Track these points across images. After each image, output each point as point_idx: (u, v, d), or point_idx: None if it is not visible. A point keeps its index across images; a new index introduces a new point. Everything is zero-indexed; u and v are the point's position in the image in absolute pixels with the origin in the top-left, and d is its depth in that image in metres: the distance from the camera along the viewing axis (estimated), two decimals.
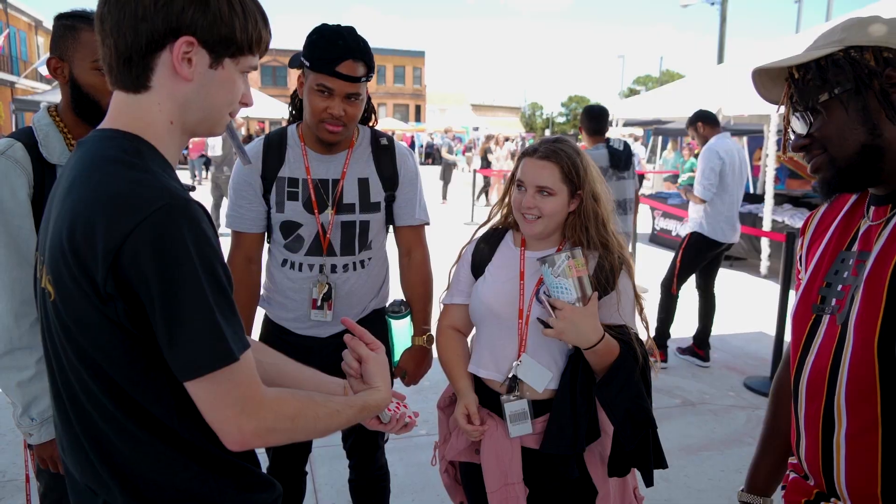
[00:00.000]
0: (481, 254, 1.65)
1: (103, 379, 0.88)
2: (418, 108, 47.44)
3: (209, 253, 0.84)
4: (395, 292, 2.07)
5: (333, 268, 1.82)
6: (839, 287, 1.03)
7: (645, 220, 11.12)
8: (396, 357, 1.95)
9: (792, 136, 1.06)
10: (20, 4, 29.14)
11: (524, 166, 1.55)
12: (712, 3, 21.30)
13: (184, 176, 19.06)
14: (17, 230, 1.48)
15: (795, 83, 1.01)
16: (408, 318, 1.93)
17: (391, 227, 2.00)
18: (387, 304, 1.96)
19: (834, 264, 1.06)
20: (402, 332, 1.93)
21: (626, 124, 11.42)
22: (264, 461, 2.05)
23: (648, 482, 1.57)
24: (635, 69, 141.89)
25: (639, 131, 19.61)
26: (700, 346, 4.48)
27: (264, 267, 1.91)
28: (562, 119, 67.63)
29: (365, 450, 2.03)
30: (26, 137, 1.54)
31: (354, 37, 1.68)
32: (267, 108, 14.19)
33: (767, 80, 1.07)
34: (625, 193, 4.39)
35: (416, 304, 1.95)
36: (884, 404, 0.94)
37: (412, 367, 1.95)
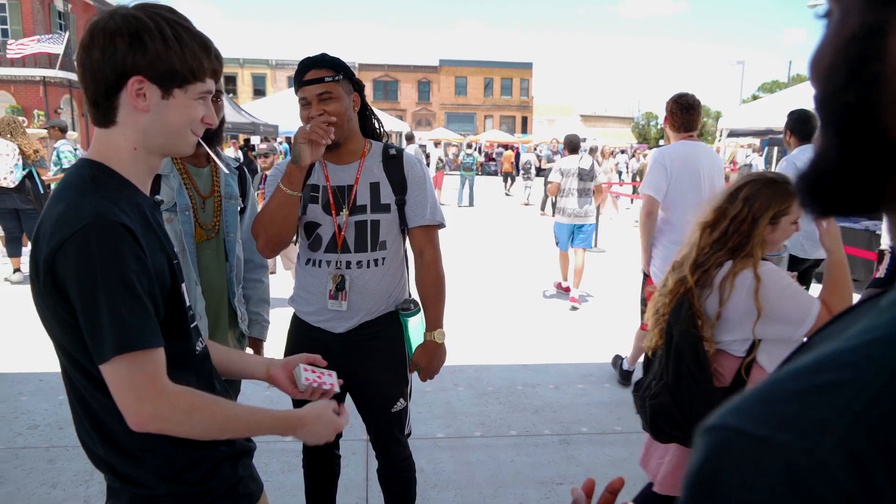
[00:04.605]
0: None
1: (69, 356, 1.11)
2: (525, 120, 47.43)
3: (119, 265, 1.02)
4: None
5: (348, 264, 2.01)
6: None
7: None
8: (411, 352, 2.09)
9: None
10: None
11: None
12: None
13: None
14: None
15: None
16: (419, 316, 2.07)
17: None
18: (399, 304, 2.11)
19: None
20: (414, 328, 2.07)
21: (731, 135, 10.79)
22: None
23: None
24: (761, 75, 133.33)
25: (757, 141, 18.50)
26: None
27: (294, 270, 2.15)
28: None
29: (384, 440, 2.17)
30: None
31: (320, 55, 1.96)
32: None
33: None
34: None
35: (428, 301, 2.08)
36: None
37: (424, 361, 2.08)
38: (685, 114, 3.68)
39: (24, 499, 2.77)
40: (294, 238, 2.08)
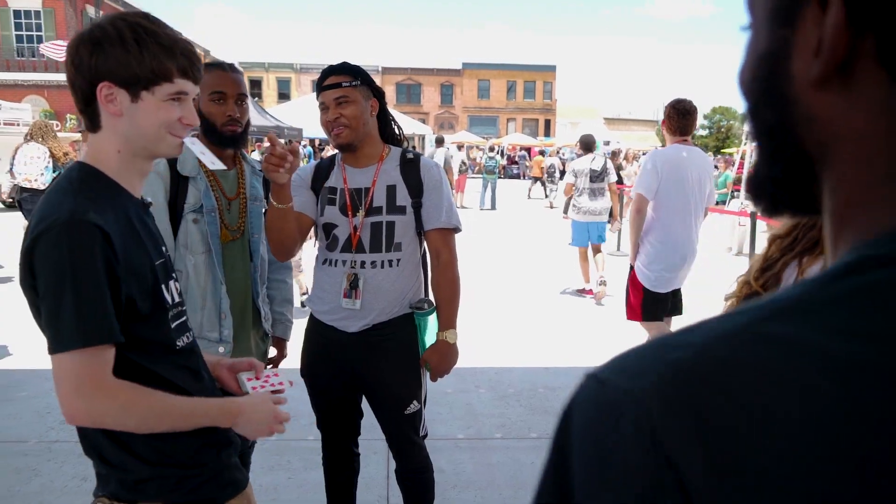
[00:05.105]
0: None
1: None
2: (548, 123, 47.26)
3: (85, 264, 1.07)
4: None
5: (363, 263, 2.05)
6: None
7: None
8: (423, 351, 2.10)
9: None
10: (192, 38, 33.19)
11: None
12: None
13: None
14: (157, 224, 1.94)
15: None
16: (433, 315, 2.09)
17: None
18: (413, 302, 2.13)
19: None
20: (427, 327, 2.09)
21: None
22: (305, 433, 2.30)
23: None
24: None
25: None
26: None
27: (311, 273, 2.21)
28: (704, 132, 64.05)
29: (398, 442, 2.20)
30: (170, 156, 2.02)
31: (340, 63, 2.05)
32: (401, 124, 15.08)
33: None
34: None
35: (442, 302, 2.11)
36: None
37: (435, 361, 2.09)
38: (682, 118, 3.86)
39: (57, 491, 2.85)
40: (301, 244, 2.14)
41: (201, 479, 1.25)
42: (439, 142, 13.77)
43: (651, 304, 3.92)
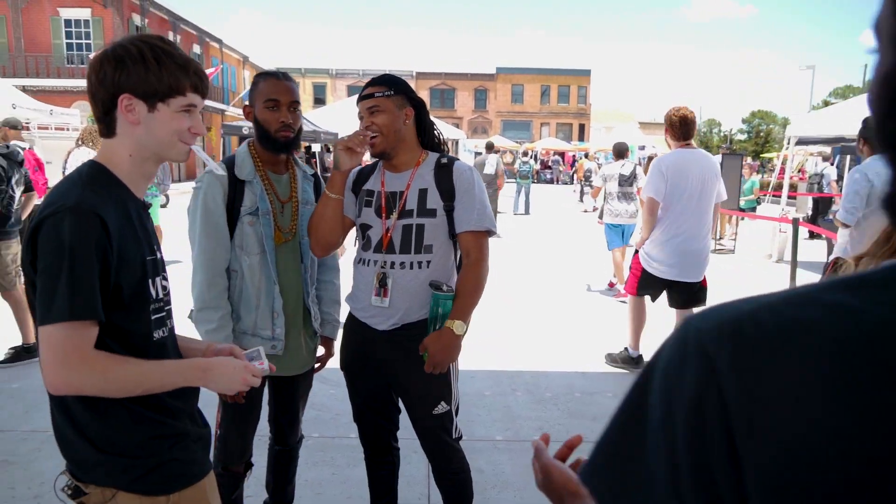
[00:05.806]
0: None
1: None
2: (582, 127, 46.92)
3: (83, 245, 1.19)
4: None
5: (392, 264, 2.11)
6: None
7: (821, 248, 10.15)
8: (429, 332, 2.08)
9: None
10: (232, 44, 33.94)
11: None
12: None
13: None
14: (216, 225, 2.11)
15: None
16: (449, 301, 2.07)
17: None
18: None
19: None
20: (441, 313, 2.06)
21: (799, 143, 10.38)
22: (340, 431, 2.37)
23: None
24: (835, 80, 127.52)
25: (827, 149, 17.71)
26: None
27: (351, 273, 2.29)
28: (742, 136, 62.81)
29: (430, 442, 2.24)
30: (229, 161, 2.20)
31: (379, 75, 2.15)
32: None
33: None
34: None
35: (462, 293, 2.09)
36: None
37: (435, 348, 2.03)
38: (683, 125, 4.27)
39: None
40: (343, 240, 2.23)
41: (146, 469, 1.33)
42: (489, 147, 13.66)
43: (645, 282, 4.42)
